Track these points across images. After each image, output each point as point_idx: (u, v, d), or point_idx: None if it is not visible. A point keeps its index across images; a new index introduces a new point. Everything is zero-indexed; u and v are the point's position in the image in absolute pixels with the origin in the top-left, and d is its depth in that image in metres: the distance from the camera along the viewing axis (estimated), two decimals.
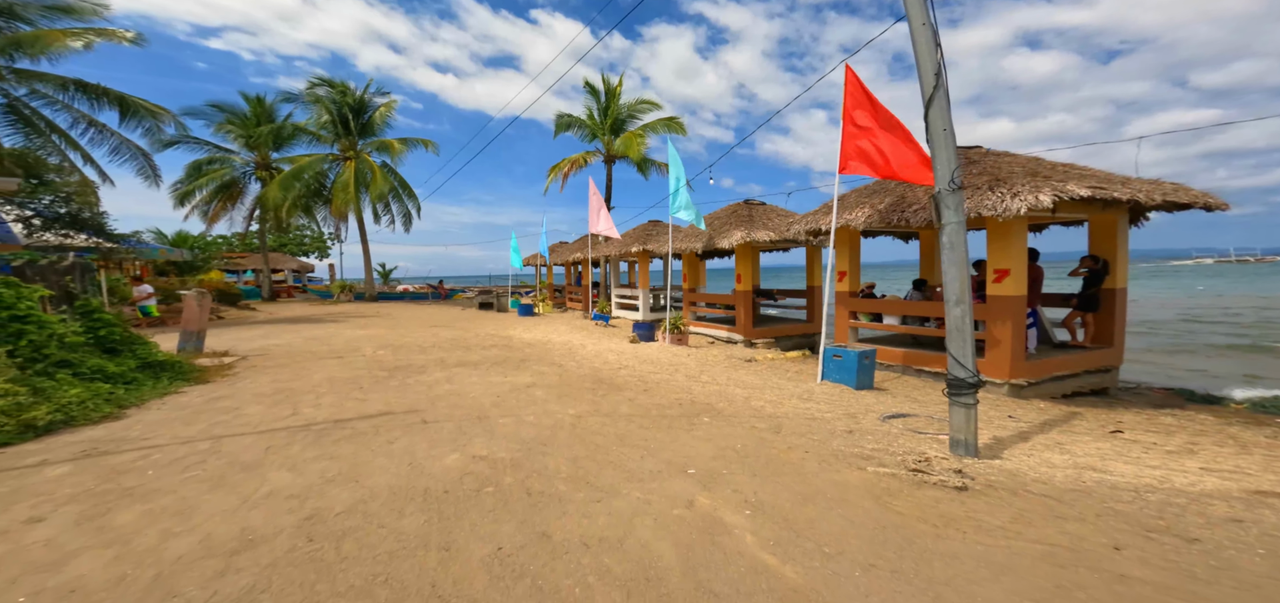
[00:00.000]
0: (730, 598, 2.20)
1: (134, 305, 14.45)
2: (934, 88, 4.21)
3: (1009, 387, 6.69)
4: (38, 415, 4.28)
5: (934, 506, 3.15)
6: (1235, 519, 2.84)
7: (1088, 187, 5.70)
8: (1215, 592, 2.20)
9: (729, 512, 3.05)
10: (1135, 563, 2.41)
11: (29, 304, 5.24)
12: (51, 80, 15.63)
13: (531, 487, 3.39)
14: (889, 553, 2.55)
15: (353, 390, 6.34)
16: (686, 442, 4.44)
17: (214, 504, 3.09)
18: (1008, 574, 2.32)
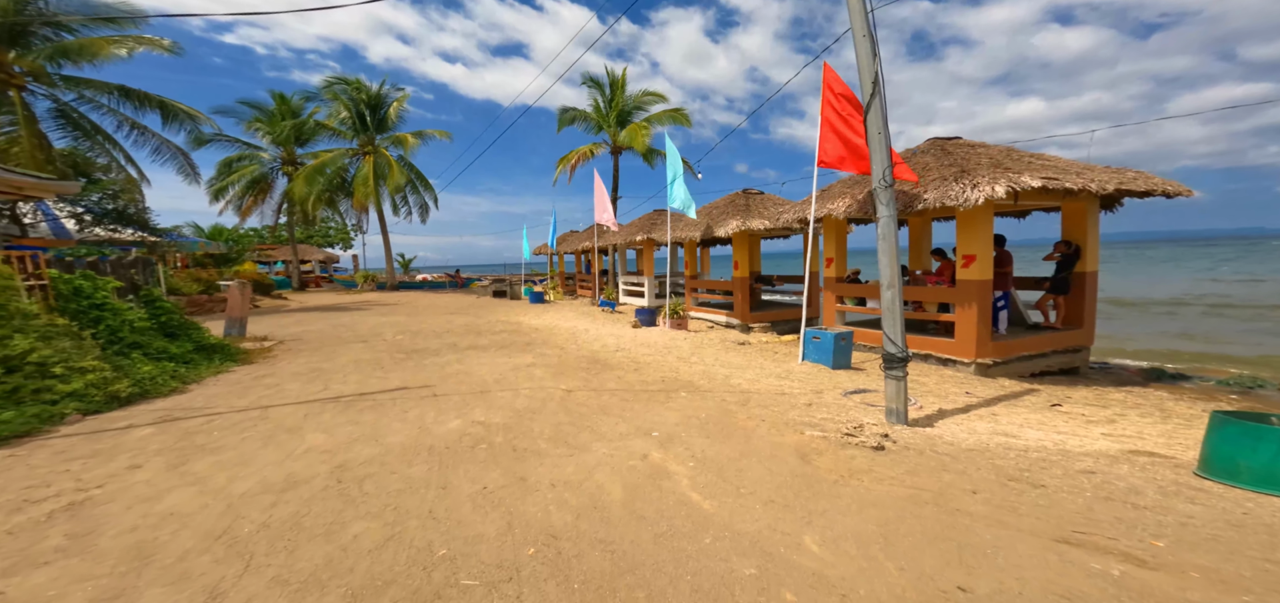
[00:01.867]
0: (654, 520, 2.88)
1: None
2: (872, 95, 4.71)
3: (976, 365, 7.17)
4: (120, 388, 5.20)
5: (848, 461, 3.76)
6: (1089, 472, 3.39)
7: (1040, 177, 6.10)
8: (1021, 520, 2.79)
9: (675, 464, 3.73)
10: (978, 503, 3.00)
11: (104, 294, 6.19)
12: (97, 86, 16.84)
13: (517, 445, 4.12)
14: (789, 493, 3.19)
15: (375, 370, 7.18)
16: (659, 412, 5.12)
17: (266, 457, 3.90)
18: (871, 508, 2.95)
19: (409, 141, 25.61)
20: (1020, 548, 2.48)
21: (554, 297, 22.36)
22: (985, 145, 7.92)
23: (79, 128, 16.64)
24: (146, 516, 2.98)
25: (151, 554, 2.55)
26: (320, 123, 26.08)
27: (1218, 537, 2.58)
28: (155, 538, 2.71)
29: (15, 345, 4.77)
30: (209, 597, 2.20)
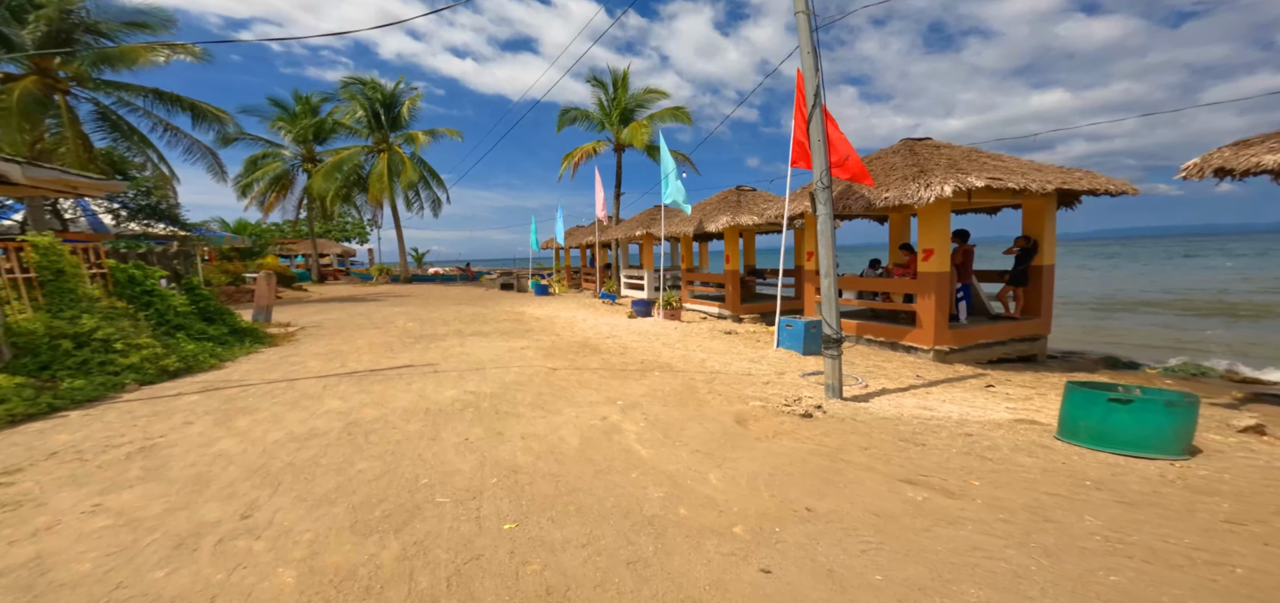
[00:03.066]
0: (598, 461, 3.60)
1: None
2: (813, 105, 5.32)
3: (934, 352, 7.72)
4: (170, 363, 6.08)
5: (777, 426, 4.43)
6: (968, 435, 4.01)
7: (985, 177, 6.63)
8: (887, 466, 3.44)
9: (629, 424, 4.44)
10: (862, 455, 3.66)
11: (154, 282, 7.11)
12: (135, 90, 18.00)
13: (500, 409, 4.87)
14: (714, 446, 3.88)
15: (386, 352, 8.01)
16: (630, 386, 5.82)
17: (293, 416, 4.71)
18: (774, 458, 3.62)
19: (420, 139, 26.57)
20: (868, 484, 3.14)
21: (559, 290, 23.16)
22: (950, 146, 8.41)
23: (118, 129, 17.83)
24: (202, 456, 3.79)
25: (208, 481, 3.34)
26: (338, 122, 27.19)
27: (1025, 479, 3.21)
28: (210, 471, 3.51)
29: (84, 324, 5.67)
30: (248, 507, 2.97)
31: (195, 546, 2.48)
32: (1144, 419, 3.46)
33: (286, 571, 2.27)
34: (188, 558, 2.38)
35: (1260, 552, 2.42)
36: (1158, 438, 3.44)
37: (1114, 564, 2.32)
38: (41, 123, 15.12)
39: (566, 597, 2.16)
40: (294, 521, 2.74)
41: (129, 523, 2.71)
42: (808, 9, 5.38)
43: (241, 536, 2.57)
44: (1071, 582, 2.18)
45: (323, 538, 2.55)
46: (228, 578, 2.21)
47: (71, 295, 5.90)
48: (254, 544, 2.49)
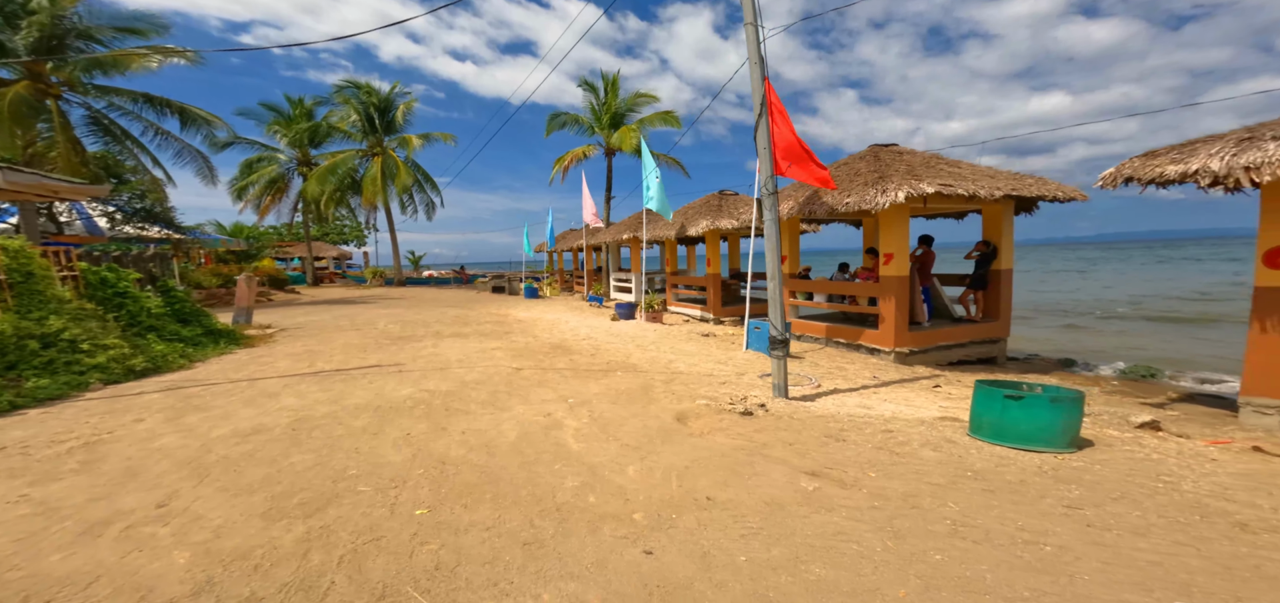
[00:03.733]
0: (528, 454, 3.71)
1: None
2: (759, 115, 5.46)
3: (895, 354, 7.83)
4: (136, 363, 6.22)
5: (715, 423, 4.54)
6: (889, 432, 4.12)
7: (936, 184, 6.76)
8: (800, 460, 3.55)
9: (570, 420, 4.55)
10: (783, 450, 3.77)
11: (126, 284, 7.25)
12: (125, 94, 18.21)
13: (451, 406, 4.99)
14: (645, 441, 3.99)
15: (358, 352, 8.14)
16: (587, 386, 5.93)
17: (244, 413, 4.83)
18: (697, 452, 3.74)
19: (414, 143, 26.81)
20: (773, 475, 3.26)
21: (550, 292, 23.29)
22: (912, 153, 8.54)
23: (110, 133, 18.04)
24: (141, 451, 3.90)
25: (137, 474, 3.45)
26: (333, 126, 27.45)
27: (917, 471, 3.33)
28: (143, 464, 3.62)
29: (50, 325, 5.80)
30: (168, 497, 3.07)
31: (101, 532, 2.60)
32: (1033, 415, 3.58)
33: (181, 552, 2.39)
34: (89, 543, 2.49)
35: (1078, 532, 2.55)
36: (1046, 432, 3.56)
37: (945, 545, 2.44)
38: (33, 127, 15.32)
39: (454, 572, 2.27)
40: (208, 509, 2.86)
41: (46, 512, 2.83)
42: (756, 21, 5.54)
43: (150, 522, 2.69)
44: (902, 561, 2.30)
45: (231, 523, 2.67)
46: (121, 561, 2.33)
47: (40, 297, 6.05)
48: (160, 530, 2.61)
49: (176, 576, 2.23)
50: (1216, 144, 3.95)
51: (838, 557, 2.36)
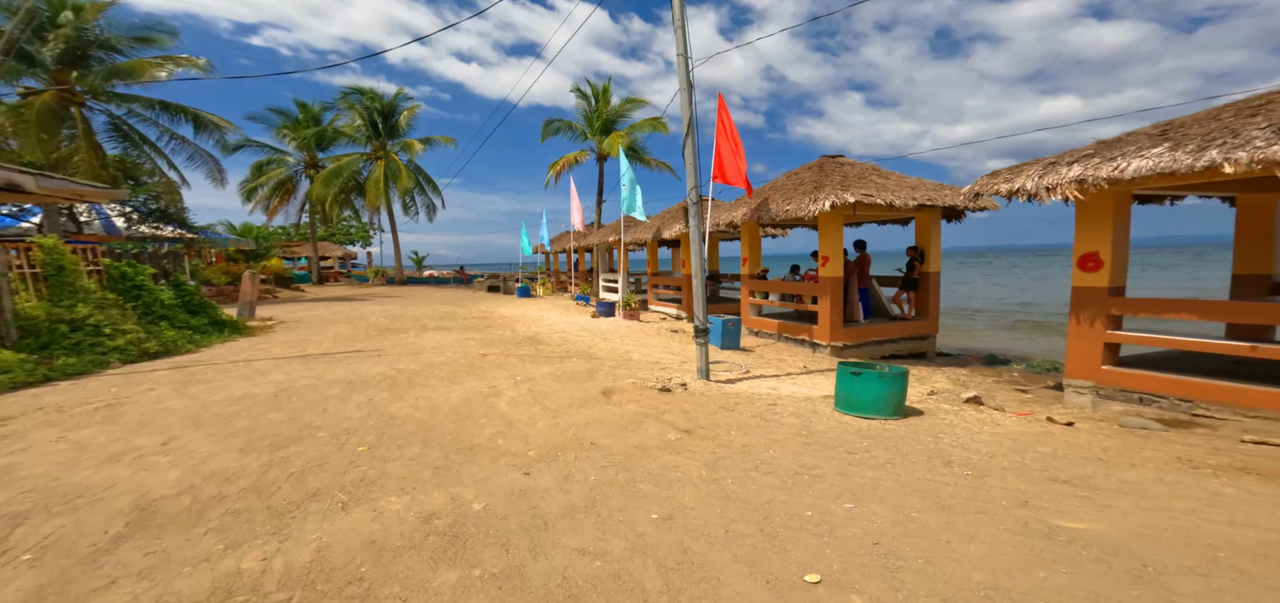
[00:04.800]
0: (465, 414, 4.53)
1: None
2: (688, 129, 6.26)
3: (831, 348, 8.58)
4: (150, 347, 7.13)
5: (635, 397, 5.33)
6: (771, 405, 4.90)
7: (857, 194, 7.51)
8: (681, 419, 4.34)
9: (510, 392, 5.37)
10: (674, 415, 4.56)
11: (143, 278, 8.19)
12: (142, 101, 19.36)
13: (414, 381, 5.84)
14: (566, 408, 4.80)
15: (347, 341, 9.03)
16: (538, 368, 6.74)
17: (236, 386, 5.70)
18: (607, 415, 4.54)
19: (415, 147, 27.87)
20: (651, 429, 4.06)
21: (544, 292, 24.19)
22: (854, 164, 9.29)
23: (128, 138, 19.19)
24: (152, 410, 4.78)
25: (147, 424, 4.32)
26: (339, 130, 28.59)
27: (767, 431, 4.12)
28: (153, 418, 4.49)
29: (78, 312, 6.73)
30: (170, 440, 3.92)
31: (118, 460, 3.46)
32: (868, 388, 4.35)
33: (175, 471, 3.23)
34: (110, 466, 3.35)
35: (840, 468, 3.35)
36: (877, 402, 4.32)
37: (742, 476, 3.22)
38: (58, 133, 16.45)
39: (374, 483, 3.10)
40: (198, 446, 3.71)
41: (78, 448, 3.70)
42: (685, 52, 6.34)
43: (154, 454, 3.55)
44: (706, 484, 3.09)
45: (213, 455, 3.52)
46: (132, 476, 3.18)
47: (70, 288, 6.98)
48: (161, 459, 3.47)
49: (169, 484, 3.07)
50: (1034, 167, 4.69)
51: (662, 479, 3.16)
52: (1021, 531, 2.46)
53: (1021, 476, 3.24)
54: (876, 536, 2.45)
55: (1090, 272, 4.80)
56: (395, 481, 3.14)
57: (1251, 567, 2.18)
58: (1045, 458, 3.56)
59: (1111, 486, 3.10)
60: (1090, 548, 2.32)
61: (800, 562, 2.24)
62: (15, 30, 6.52)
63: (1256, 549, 2.33)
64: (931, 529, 2.48)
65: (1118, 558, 2.24)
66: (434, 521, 2.63)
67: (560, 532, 2.53)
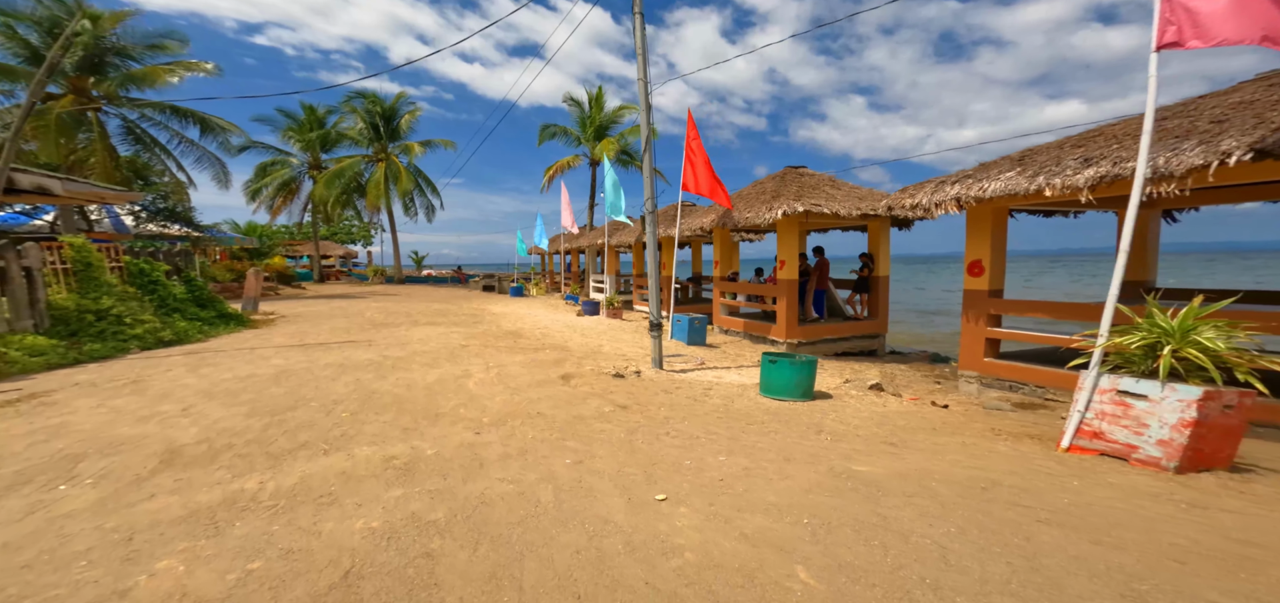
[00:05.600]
0: (437, 391, 5.31)
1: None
2: (646, 146, 7.04)
3: (787, 345, 9.33)
4: (165, 335, 7.94)
5: (590, 380, 6.10)
6: (708, 389, 5.67)
7: (805, 204, 8.28)
8: (624, 397, 5.10)
9: (480, 375, 6.15)
10: (619, 395, 5.33)
11: (158, 274, 9.01)
12: (155, 105, 20.27)
13: (397, 366, 6.62)
14: (527, 388, 5.57)
15: (342, 333, 9.83)
16: (511, 357, 7.52)
17: (242, 367, 6.50)
18: (558, 394, 5.31)
19: (415, 149, 28.76)
20: (592, 404, 4.83)
21: (537, 292, 24.97)
22: (814, 174, 10.06)
23: (140, 141, 20.09)
24: (171, 385, 5.58)
25: (168, 395, 5.11)
26: (342, 133, 29.50)
27: (692, 409, 4.87)
28: (172, 391, 5.28)
29: (103, 303, 7.55)
30: (188, 407, 4.70)
31: (148, 420, 4.25)
32: (782, 373, 5.11)
33: (194, 429, 4.02)
34: (141, 424, 4.14)
35: (733, 433, 4.11)
36: (789, 386, 5.09)
37: (653, 438, 3.98)
38: (75, 137, 17.35)
39: (350, 437, 3.87)
40: (212, 412, 4.51)
41: (114, 412, 4.50)
42: (645, 76, 7.12)
43: (176, 417, 4.34)
44: (625, 445, 3.84)
45: (224, 418, 4.32)
46: (160, 430, 3.97)
47: (95, 282, 7.80)
48: (182, 420, 4.26)
49: (190, 436, 3.86)
50: (929, 185, 5.45)
51: (586, 439, 3.93)
52: (827, 473, 3.22)
53: (862, 440, 4.00)
54: (725, 475, 3.21)
55: (976, 277, 5.55)
56: (369, 436, 3.93)
57: (946, 491, 2.95)
58: (893, 429, 4.34)
59: (919, 446, 3.87)
60: (857, 482, 3.08)
61: (661, 490, 3.00)
62: (55, 55, 7.33)
63: (964, 482, 3.09)
64: (766, 472, 3.25)
65: (868, 487, 3.01)
66: (393, 460, 3.41)
67: (491, 469, 3.30)
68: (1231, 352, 3.05)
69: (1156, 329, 3.25)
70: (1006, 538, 2.42)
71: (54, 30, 17.26)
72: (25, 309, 6.72)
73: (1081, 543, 2.38)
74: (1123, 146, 4.24)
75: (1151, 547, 2.35)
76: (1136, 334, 3.32)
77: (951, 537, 2.44)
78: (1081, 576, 2.12)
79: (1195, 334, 3.10)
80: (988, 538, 2.42)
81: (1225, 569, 2.16)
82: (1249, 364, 3.04)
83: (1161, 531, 2.51)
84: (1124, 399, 3.25)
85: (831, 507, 2.76)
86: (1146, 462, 3.15)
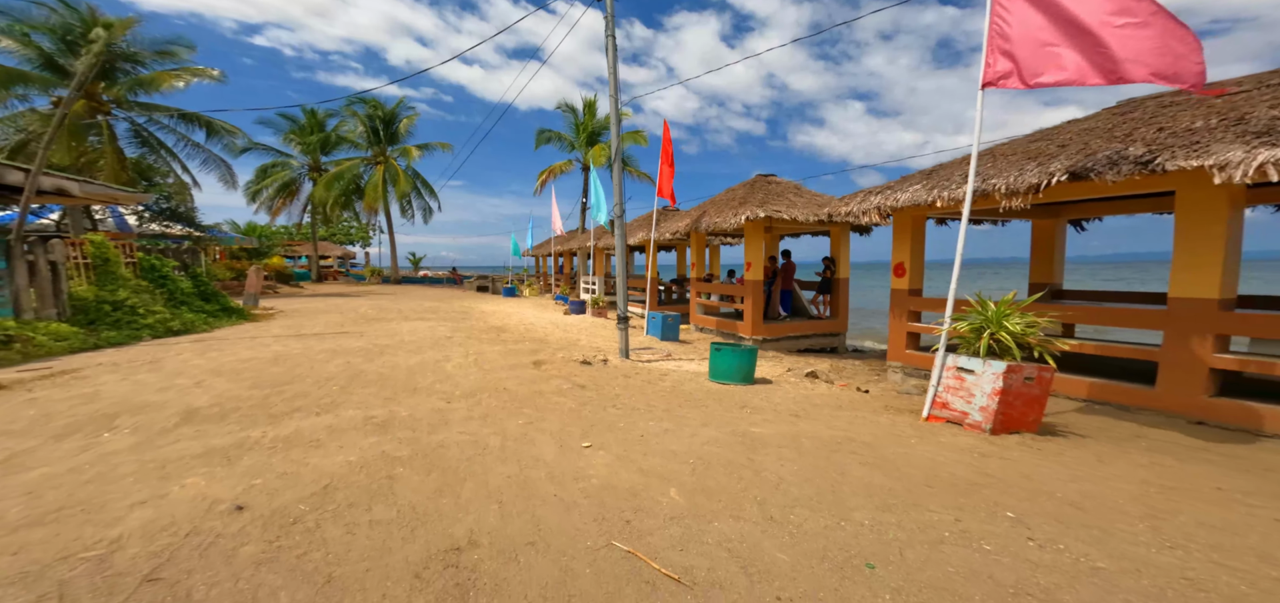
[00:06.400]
0: (418, 374, 6.01)
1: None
2: (615, 156, 7.77)
3: (752, 341, 10.03)
4: (174, 325, 8.65)
5: (559, 365, 6.80)
6: (663, 376, 6.37)
7: (766, 210, 9.00)
8: (585, 381, 5.80)
9: (458, 358, 6.85)
10: (585, 377, 6.02)
11: (167, 269, 9.72)
12: (163, 110, 21.02)
13: (384, 352, 7.32)
14: (498, 371, 6.27)
15: (336, 326, 10.52)
16: (491, 347, 8.21)
17: (244, 352, 7.20)
18: (528, 376, 6.01)
19: (412, 153, 29.55)
20: (554, 382, 5.53)
21: (529, 293, 25.67)
22: (781, 183, 10.80)
23: (147, 144, 20.84)
24: (183, 365, 6.28)
25: (182, 372, 5.80)
26: (342, 136, 30.29)
27: (643, 390, 5.57)
28: (184, 370, 5.98)
29: (119, 295, 8.25)
30: (199, 382, 5.40)
31: (167, 389, 4.96)
32: (725, 360, 5.82)
33: (205, 396, 4.73)
34: (163, 393, 4.85)
35: (669, 404, 4.79)
36: (730, 371, 5.79)
37: (598, 408, 4.68)
38: (86, 140, 18.08)
39: (339, 406, 4.56)
40: (219, 385, 5.21)
41: (138, 384, 5.20)
42: (615, 94, 7.86)
43: (191, 388, 5.05)
44: (569, 412, 4.55)
45: (230, 389, 5.02)
46: (179, 398, 4.68)
47: (112, 276, 8.50)
48: (196, 389, 4.97)
49: (204, 402, 4.56)
50: (859, 196, 6.19)
51: (542, 408, 4.63)
52: (729, 434, 3.92)
53: (773, 413, 4.71)
54: (646, 434, 3.92)
55: (899, 277, 6.27)
56: (353, 404, 4.63)
57: (809, 445, 3.66)
58: (804, 406, 5.05)
59: (815, 418, 4.59)
60: (747, 439, 3.79)
61: (590, 442, 3.71)
62: (85, 72, 8.05)
63: (827, 440, 3.81)
64: (683, 434, 3.95)
65: (753, 442, 3.72)
66: (372, 419, 4.12)
67: (453, 426, 4.01)
68: (1028, 335, 3.76)
69: (981, 317, 3.96)
70: (829, 474, 3.14)
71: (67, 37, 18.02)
72: (50, 299, 7.43)
73: (877, 477, 3.09)
74: (1009, 164, 4.95)
75: (920, 480, 3.07)
76: (968, 321, 4.03)
77: (792, 474, 3.15)
78: (859, 495, 2.84)
79: (1006, 321, 3.80)
80: (817, 474, 3.13)
81: (957, 492, 2.89)
82: (1042, 345, 3.76)
83: (939, 470, 3.23)
84: (961, 375, 3.95)
85: (716, 455, 3.46)
86: (973, 426, 3.85)
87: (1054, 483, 3.07)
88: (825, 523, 2.56)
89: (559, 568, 2.13)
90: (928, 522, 2.57)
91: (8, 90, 17.03)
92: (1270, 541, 2.46)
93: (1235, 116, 3.81)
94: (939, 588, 2.04)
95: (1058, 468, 3.32)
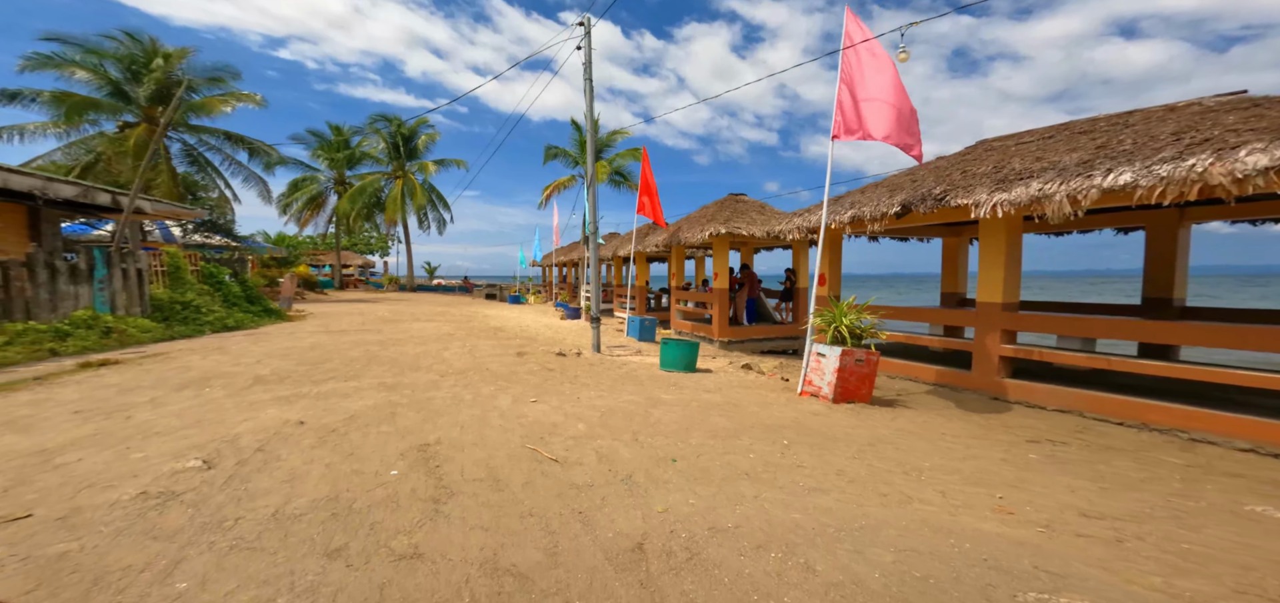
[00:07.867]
0: (420, 355, 7.59)
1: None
2: (590, 182, 9.30)
3: (720, 342, 11.42)
4: (229, 322, 10.45)
5: (538, 357, 8.31)
6: (626, 365, 7.83)
7: (727, 227, 10.42)
8: (559, 366, 7.30)
9: (456, 350, 8.41)
10: (557, 365, 7.53)
11: (222, 276, 11.59)
12: (212, 132, 23.40)
13: (396, 343, 8.94)
14: (486, 359, 7.82)
15: (358, 324, 12.26)
16: (485, 342, 9.78)
17: (287, 343, 8.90)
18: (510, 362, 7.54)
19: (429, 168, 31.73)
20: (531, 365, 7.05)
21: (534, 301, 27.37)
22: (750, 201, 12.21)
23: (196, 162, 23.23)
24: (243, 351, 7.98)
25: (242, 357, 7.48)
26: (365, 153, 32.69)
27: (604, 374, 7.02)
28: (245, 354, 7.66)
29: (187, 296, 10.09)
30: (258, 360, 7.07)
31: (238, 364, 6.63)
32: (670, 352, 7.25)
33: (264, 369, 6.38)
34: (236, 366, 6.52)
35: (612, 386, 6.23)
36: (676, 361, 7.22)
37: (557, 385, 6.16)
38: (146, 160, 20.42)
39: (360, 377, 6.14)
40: (274, 363, 6.87)
41: (216, 362, 6.90)
42: (591, 117, 9.41)
43: (254, 365, 6.72)
44: (531, 385, 6.04)
45: (282, 365, 6.66)
46: (248, 369, 6.34)
47: (182, 281, 10.36)
48: (257, 365, 6.63)
49: (265, 372, 6.19)
50: (795, 215, 7.58)
51: (512, 382, 6.14)
52: (644, 399, 5.37)
53: (692, 389, 6.12)
54: (582, 397, 5.39)
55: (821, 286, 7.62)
56: (371, 376, 6.21)
57: (695, 403, 5.05)
58: (720, 386, 6.44)
59: (722, 393, 5.98)
60: (653, 401, 5.22)
61: (538, 400, 5.19)
62: (171, 113, 9.96)
63: (711, 402, 5.20)
64: (610, 398, 5.41)
65: (655, 402, 5.14)
66: (384, 383, 5.70)
67: (441, 390, 5.54)
68: (858, 328, 5.13)
69: (831, 314, 5.33)
70: (695, 420, 4.57)
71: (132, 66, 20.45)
72: (136, 299, 9.27)
73: (723, 422, 4.51)
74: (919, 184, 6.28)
75: (751, 424, 4.49)
76: (824, 317, 5.40)
77: (670, 419, 4.59)
78: (703, 432, 4.27)
79: (845, 318, 5.17)
80: (687, 420, 4.57)
81: (768, 430, 4.30)
82: (869, 334, 5.13)
83: (770, 421, 4.63)
84: (819, 357, 5.31)
85: (625, 407, 4.92)
86: (824, 397, 5.21)
87: (839, 429, 4.45)
88: (667, 443, 3.99)
89: (486, 453, 3.62)
90: (732, 446, 3.99)
91: (82, 116, 19.46)
92: (922, 458, 3.81)
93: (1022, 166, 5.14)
94: (703, 468, 3.46)
95: (854, 421, 4.68)
